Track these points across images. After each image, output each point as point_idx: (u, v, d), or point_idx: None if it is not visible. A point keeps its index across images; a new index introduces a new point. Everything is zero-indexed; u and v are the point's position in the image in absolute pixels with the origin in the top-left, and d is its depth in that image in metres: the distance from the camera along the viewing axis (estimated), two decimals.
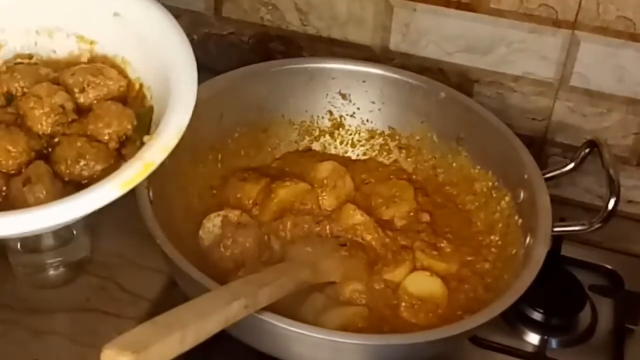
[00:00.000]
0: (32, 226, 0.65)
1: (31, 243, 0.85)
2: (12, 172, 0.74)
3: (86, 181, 0.75)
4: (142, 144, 0.74)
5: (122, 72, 0.83)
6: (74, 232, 0.85)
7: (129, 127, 0.78)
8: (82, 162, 0.75)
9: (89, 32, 0.85)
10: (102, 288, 0.86)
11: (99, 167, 0.75)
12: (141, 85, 0.82)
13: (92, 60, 0.85)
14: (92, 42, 0.85)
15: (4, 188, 0.73)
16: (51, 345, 0.81)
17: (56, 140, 0.78)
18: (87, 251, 0.88)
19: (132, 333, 0.57)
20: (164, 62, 0.79)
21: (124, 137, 0.78)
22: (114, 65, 0.84)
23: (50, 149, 0.77)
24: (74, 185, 0.74)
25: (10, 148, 0.75)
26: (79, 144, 0.76)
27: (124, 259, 0.88)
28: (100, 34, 0.84)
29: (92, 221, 0.88)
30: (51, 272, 0.86)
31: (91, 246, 0.88)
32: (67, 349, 0.81)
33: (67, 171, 0.75)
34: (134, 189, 0.75)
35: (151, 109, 0.80)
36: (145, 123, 0.78)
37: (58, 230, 0.84)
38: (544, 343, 0.85)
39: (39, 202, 0.70)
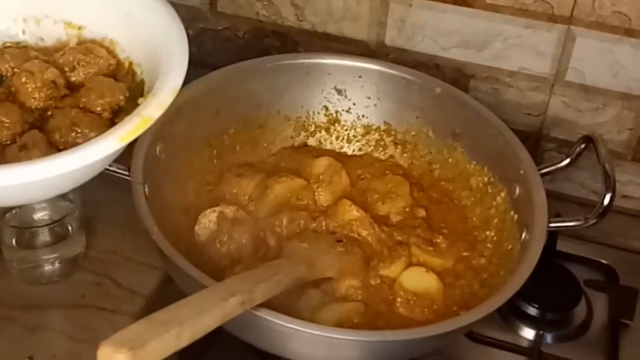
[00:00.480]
0: (36, 176, 0.64)
1: (26, 239, 0.85)
2: (7, 142, 0.75)
3: None
4: None
5: (111, 53, 0.84)
6: (70, 228, 0.85)
7: (121, 97, 0.79)
8: (77, 130, 0.75)
9: (76, 17, 0.85)
10: (98, 284, 0.86)
11: (93, 135, 0.75)
12: (130, 63, 0.83)
13: (80, 44, 0.85)
14: (80, 28, 0.85)
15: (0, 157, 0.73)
16: (46, 342, 0.81)
17: (49, 113, 0.78)
18: (83, 247, 0.88)
19: (128, 330, 0.57)
20: (152, 36, 0.79)
21: (116, 107, 0.79)
22: (102, 47, 0.84)
23: (43, 123, 0.77)
24: None
25: (3, 119, 0.75)
26: (72, 113, 0.77)
27: (119, 255, 0.88)
28: (88, 19, 0.85)
29: (88, 217, 0.88)
30: (46, 268, 0.85)
31: (86, 242, 0.88)
32: (63, 345, 0.81)
33: (62, 140, 0.75)
34: (130, 186, 0.76)
35: (142, 81, 0.80)
36: (136, 95, 0.79)
37: (53, 226, 0.84)
38: (539, 338, 0.85)
39: None
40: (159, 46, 0.78)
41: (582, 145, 0.85)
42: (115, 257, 0.88)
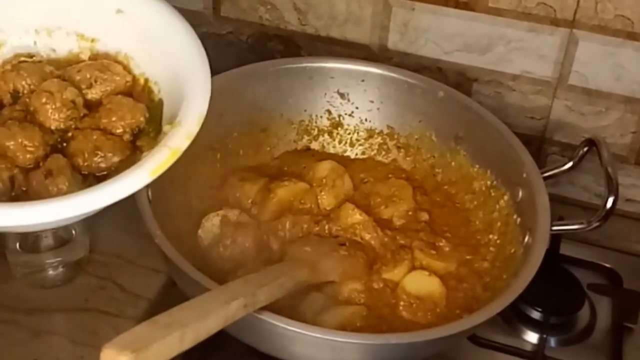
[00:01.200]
0: (67, 214, 0.65)
1: (30, 243, 0.85)
2: (30, 166, 0.74)
3: (105, 173, 0.75)
4: (157, 134, 0.74)
5: (125, 68, 0.84)
6: (73, 232, 0.85)
7: (142, 119, 0.79)
8: (100, 154, 0.75)
9: (89, 30, 0.85)
10: (101, 288, 0.86)
11: (116, 159, 0.75)
12: (146, 80, 0.82)
13: (94, 58, 0.85)
14: (92, 40, 0.85)
15: (24, 182, 0.73)
16: (50, 345, 0.81)
17: (70, 134, 0.78)
18: (86, 251, 0.88)
19: (131, 332, 0.57)
20: (171, 56, 0.79)
21: (137, 129, 0.78)
22: (117, 62, 0.84)
23: (64, 144, 0.77)
24: (94, 178, 0.74)
25: (26, 143, 0.75)
26: (94, 136, 0.76)
27: (122, 259, 0.88)
28: (101, 32, 0.84)
29: (91, 221, 0.88)
30: (50, 272, 0.86)
31: (90, 246, 0.88)
32: (66, 349, 0.81)
33: (85, 164, 0.75)
34: None
35: (161, 101, 0.80)
36: (156, 115, 0.79)
37: (57, 231, 0.84)
38: (542, 342, 0.85)
39: (61, 194, 0.70)
40: (178, 67, 0.78)
41: (585, 149, 0.85)
42: (119, 261, 0.88)
